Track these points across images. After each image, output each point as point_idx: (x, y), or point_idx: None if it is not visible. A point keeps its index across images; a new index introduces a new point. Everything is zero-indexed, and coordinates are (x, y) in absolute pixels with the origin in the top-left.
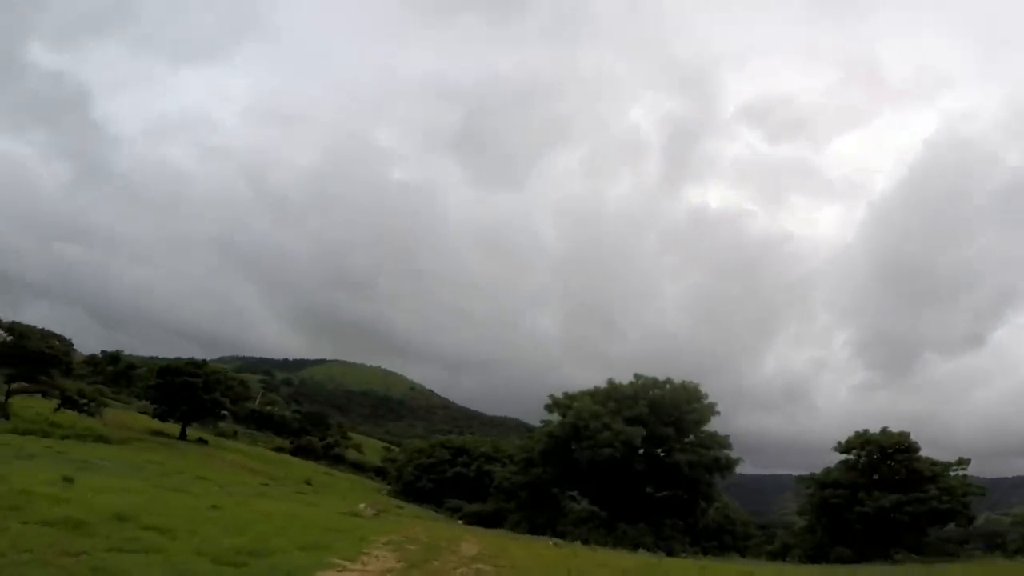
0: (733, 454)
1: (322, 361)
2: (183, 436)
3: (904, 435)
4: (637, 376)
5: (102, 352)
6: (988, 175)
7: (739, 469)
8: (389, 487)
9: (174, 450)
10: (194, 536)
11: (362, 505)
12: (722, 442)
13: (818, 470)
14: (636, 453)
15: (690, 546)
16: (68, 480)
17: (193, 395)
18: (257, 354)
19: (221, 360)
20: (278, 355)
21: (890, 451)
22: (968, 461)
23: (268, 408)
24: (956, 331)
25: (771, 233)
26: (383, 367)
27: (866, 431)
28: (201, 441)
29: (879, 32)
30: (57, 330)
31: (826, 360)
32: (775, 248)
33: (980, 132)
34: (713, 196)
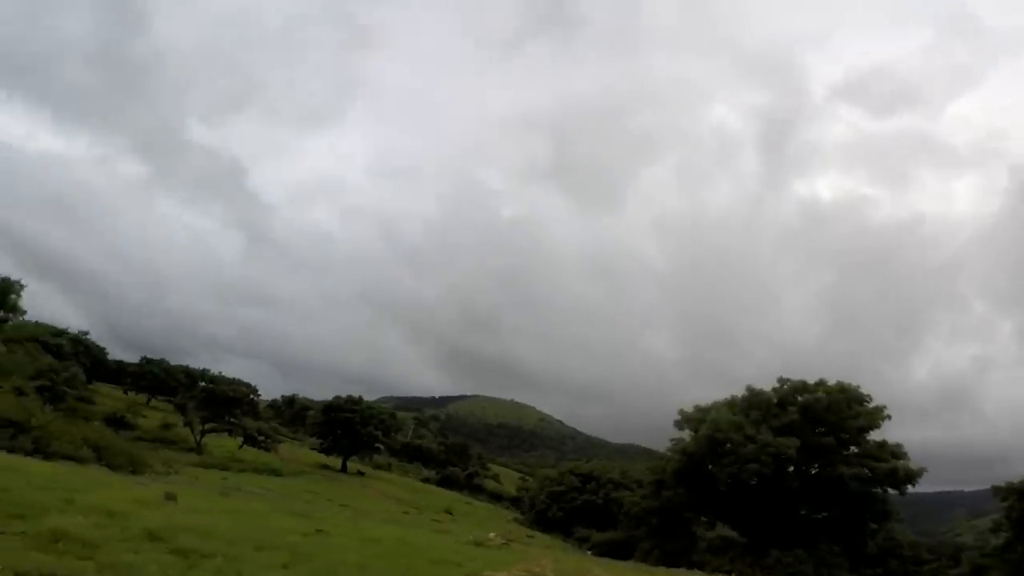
0: (913, 465)
1: (464, 397)
2: (344, 469)
3: None
4: (782, 380)
5: (281, 397)
6: None
7: None
8: (523, 516)
9: (333, 481)
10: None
11: (492, 534)
12: (896, 451)
13: (989, 484)
14: (788, 468)
15: (852, 574)
16: (170, 497)
17: (352, 430)
18: (409, 393)
19: (380, 400)
20: (426, 393)
21: None
22: None
23: (418, 441)
24: None
25: (899, 217)
26: (515, 399)
27: None
28: (359, 473)
29: None
30: (245, 380)
31: (990, 356)
32: (907, 233)
33: None
34: (823, 186)
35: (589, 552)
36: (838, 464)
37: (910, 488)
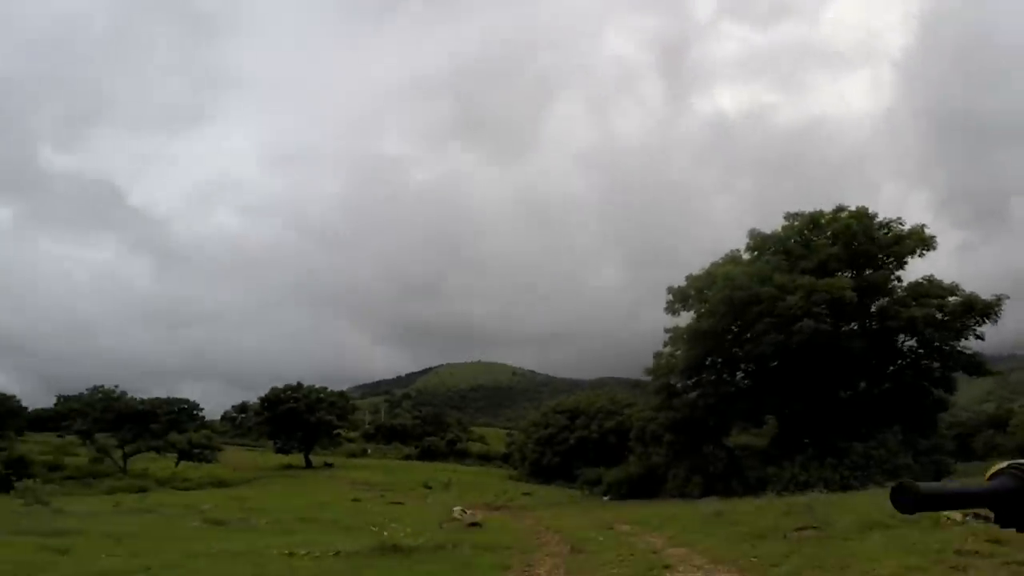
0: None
1: (429, 369)
2: (308, 464)
3: None
4: (790, 215)
5: (232, 407)
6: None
7: None
8: (516, 471)
9: (293, 479)
10: None
11: (457, 509)
12: (952, 289)
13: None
14: (846, 326)
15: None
16: None
17: (299, 419)
18: (374, 378)
19: (348, 390)
20: (392, 374)
21: None
22: None
23: (391, 421)
24: None
25: (800, 120)
26: (483, 360)
27: None
28: (327, 465)
29: None
30: (203, 400)
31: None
32: (811, 134)
33: None
34: (725, 100)
35: (606, 498)
36: (895, 306)
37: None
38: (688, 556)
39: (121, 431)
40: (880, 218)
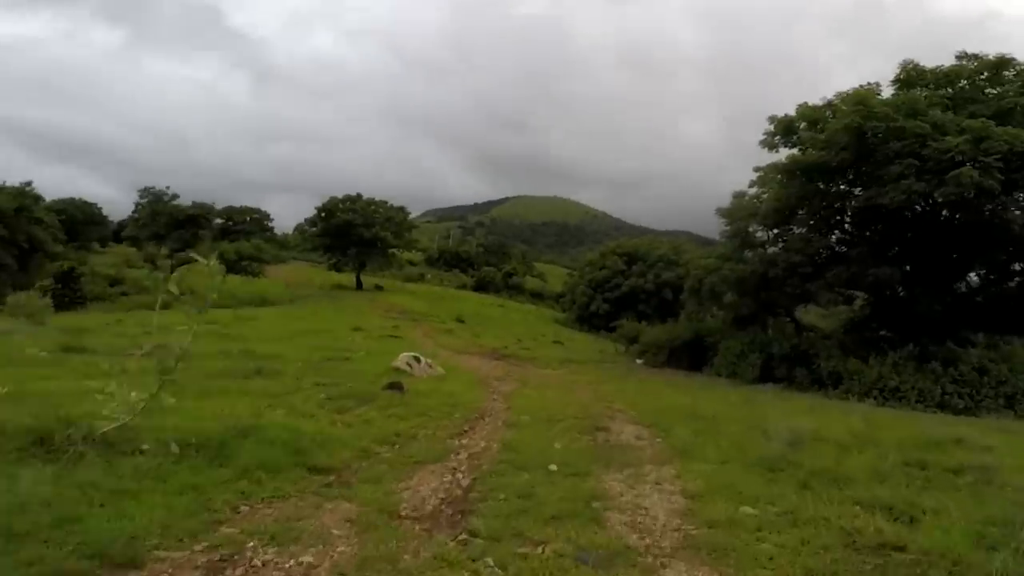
0: None
1: (506, 199)
2: (359, 285)
3: None
4: (964, 55)
5: (305, 220)
6: None
7: None
8: (564, 314)
9: (331, 301)
10: None
11: (403, 356)
12: None
13: None
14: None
15: None
16: None
17: (354, 233)
18: (451, 203)
19: (424, 214)
20: (468, 201)
21: None
22: None
23: (457, 248)
24: None
25: (968, 9)
26: (559, 196)
27: None
28: (377, 288)
29: None
30: (287, 214)
31: None
32: (975, 28)
33: None
34: None
35: (639, 362)
36: None
37: None
38: None
39: (169, 239)
40: None
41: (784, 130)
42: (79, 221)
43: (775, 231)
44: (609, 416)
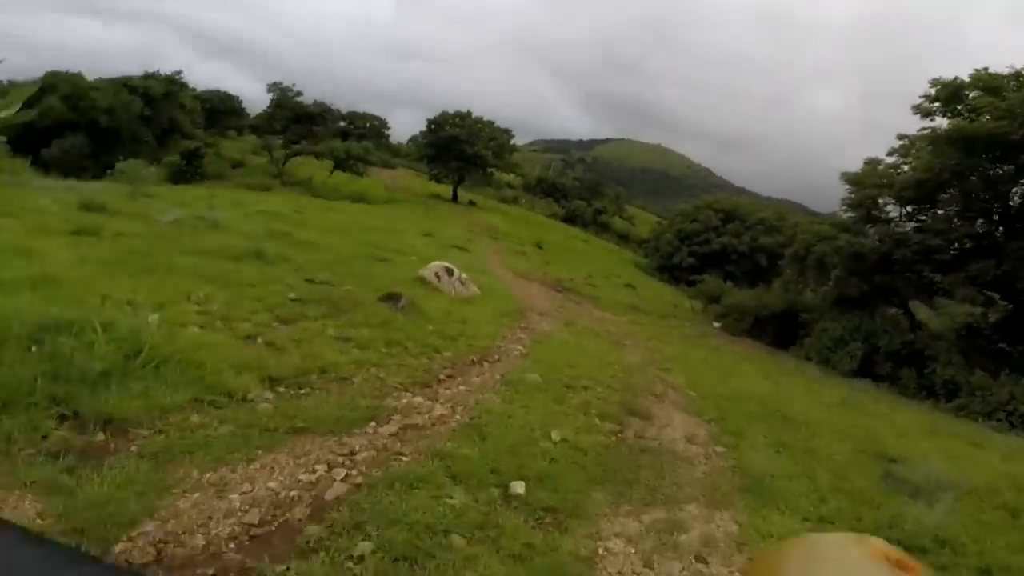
0: None
1: (610, 140)
2: (455, 198)
3: None
4: None
5: (420, 132)
6: None
7: None
8: (646, 260)
9: (422, 208)
10: None
11: (433, 265)
12: None
13: None
14: None
15: None
16: None
17: (458, 148)
18: (558, 136)
19: (530, 144)
20: (574, 136)
21: None
22: None
23: (552, 177)
24: None
25: None
26: (662, 144)
27: None
28: (471, 203)
29: None
30: (409, 129)
31: None
32: None
33: None
34: None
35: (718, 326)
36: None
37: None
38: None
39: (287, 132)
40: None
41: (949, 95)
42: (220, 110)
43: (910, 208)
44: (657, 394)
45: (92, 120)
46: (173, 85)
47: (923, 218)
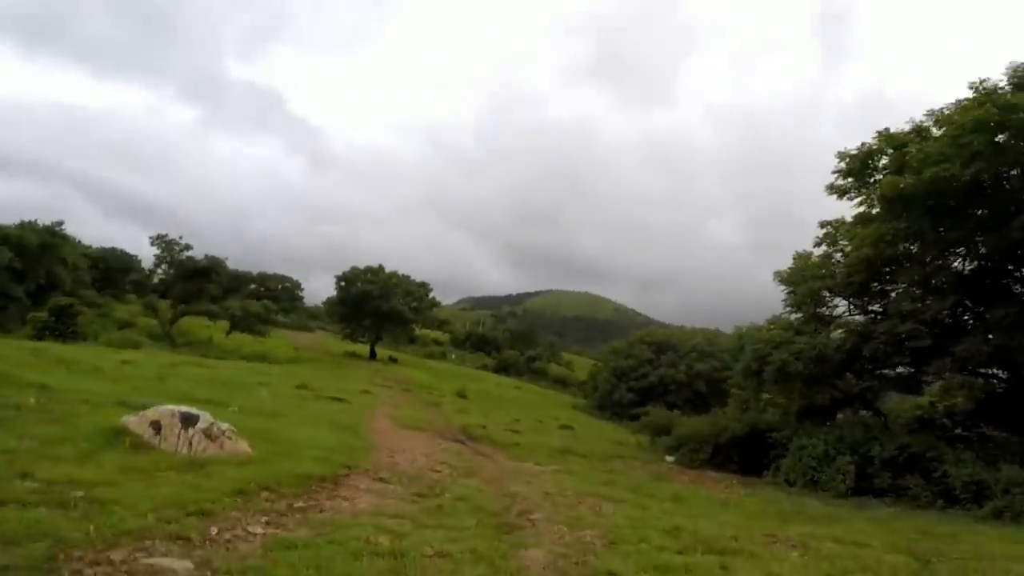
0: None
1: (538, 292)
2: (372, 355)
3: None
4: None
5: (336, 290)
6: None
7: None
8: (585, 400)
9: (334, 366)
10: None
11: (159, 409)
12: None
13: None
14: None
15: None
16: None
17: (371, 305)
18: (487, 293)
19: (458, 302)
20: (502, 292)
21: None
22: None
23: (483, 331)
24: None
25: None
26: (589, 291)
27: None
28: (391, 360)
29: None
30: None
31: None
32: None
33: None
34: (888, 81)
35: (671, 460)
36: None
37: None
38: None
39: (174, 289)
40: None
41: (861, 164)
42: (116, 269)
43: (858, 300)
44: None
45: None
46: (53, 237)
47: (875, 307)
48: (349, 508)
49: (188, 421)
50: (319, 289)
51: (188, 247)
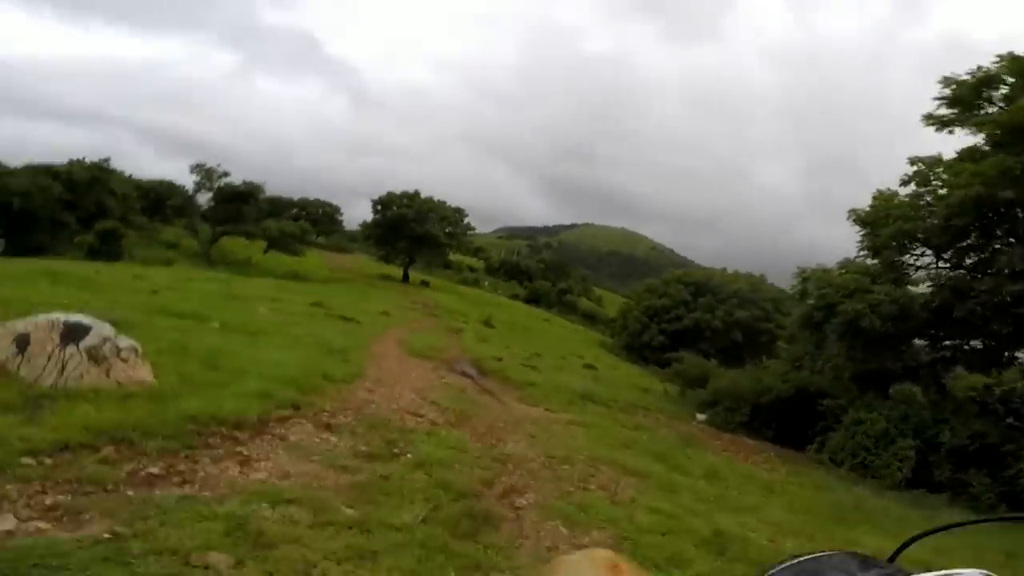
0: None
1: (575, 225)
2: (405, 278)
3: None
4: None
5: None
6: None
7: None
8: (612, 340)
9: (364, 288)
10: None
11: (47, 317)
12: None
13: None
14: None
15: None
16: None
17: (407, 228)
18: (524, 223)
19: (495, 231)
20: (539, 223)
21: None
22: None
23: (517, 260)
24: None
25: None
26: (625, 228)
27: None
28: (423, 283)
29: None
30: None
31: None
32: None
33: None
34: (974, 22)
35: (702, 418)
36: None
37: None
38: None
39: (214, 212)
40: None
41: (972, 93)
42: (166, 198)
43: (953, 250)
44: None
45: (6, 203)
46: (100, 171)
47: (972, 260)
48: (233, 480)
49: (71, 336)
50: (359, 215)
51: (226, 173)
